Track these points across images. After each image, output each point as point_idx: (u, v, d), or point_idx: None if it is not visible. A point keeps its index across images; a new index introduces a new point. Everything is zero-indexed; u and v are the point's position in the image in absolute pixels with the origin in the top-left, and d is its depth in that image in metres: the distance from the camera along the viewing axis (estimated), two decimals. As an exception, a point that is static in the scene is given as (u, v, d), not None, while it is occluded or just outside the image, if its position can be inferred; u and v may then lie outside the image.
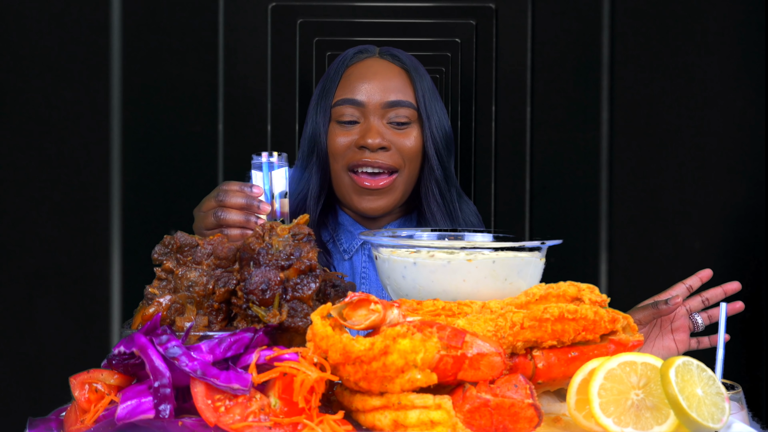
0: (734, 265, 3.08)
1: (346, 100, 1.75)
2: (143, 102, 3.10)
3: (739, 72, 3.12)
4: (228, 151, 3.16)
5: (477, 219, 1.87)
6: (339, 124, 1.76)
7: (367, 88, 1.75)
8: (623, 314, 1.12)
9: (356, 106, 1.74)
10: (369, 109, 1.74)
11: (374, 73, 1.76)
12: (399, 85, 1.76)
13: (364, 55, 1.80)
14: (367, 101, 1.74)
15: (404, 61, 1.79)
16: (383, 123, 1.75)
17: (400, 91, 1.75)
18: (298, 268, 1.14)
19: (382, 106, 1.74)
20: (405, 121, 1.75)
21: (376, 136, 1.72)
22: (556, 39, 3.23)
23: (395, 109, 1.74)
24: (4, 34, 3.01)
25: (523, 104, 3.25)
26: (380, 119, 1.75)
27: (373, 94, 1.74)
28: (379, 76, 1.76)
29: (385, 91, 1.75)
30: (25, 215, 3.02)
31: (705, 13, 3.12)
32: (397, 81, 1.76)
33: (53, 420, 1.06)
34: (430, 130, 1.77)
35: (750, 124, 3.12)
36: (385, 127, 1.74)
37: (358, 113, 1.75)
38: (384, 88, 1.75)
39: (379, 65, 1.78)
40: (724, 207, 3.12)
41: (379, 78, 1.76)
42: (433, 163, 1.78)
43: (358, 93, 1.74)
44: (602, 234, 3.18)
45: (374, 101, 1.74)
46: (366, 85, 1.75)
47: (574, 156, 3.23)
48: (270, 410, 0.98)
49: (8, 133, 3.02)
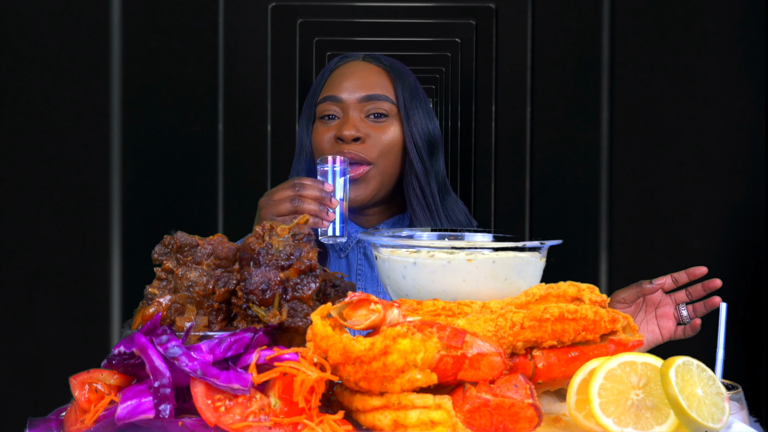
0: (734, 265, 3.08)
1: (327, 98, 1.82)
2: (143, 102, 3.10)
3: (739, 72, 3.12)
4: (228, 151, 3.16)
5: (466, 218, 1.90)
6: (321, 121, 1.83)
7: (347, 86, 1.82)
8: (623, 314, 1.12)
9: (336, 102, 1.81)
10: (347, 104, 1.81)
11: (353, 72, 1.84)
12: (378, 81, 1.83)
13: (347, 59, 1.87)
14: (346, 97, 1.81)
15: (384, 62, 1.86)
16: (360, 117, 1.81)
17: (378, 86, 1.83)
18: (298, 268, 1.14)
19: (360, 100, 1.81)
20: (383, 113, 1.82)
21: (351, 128, 1.78)
22: (556, 39, 3.23)
23: (372, 102, 1.81)
24: (4, 34, 3.01)
25: (523, 104, 3.25)
26: (358, 113, 1.81)
27: (353, 91, 1.82)
28: (359, 74, 1.83)
29: (363, 87, 1.82)
30: (25, 215, 3.02)
31: (705, 13, 3.12)
32: (376, 78, 1.83)
33: (53, 420, 1.06)
34: (409, 126, 1.82)
35: (750, 124, 3.12)
36: (362, 120, 1.81)
37: (338, 109, 1.82)
38: (363, 84, 1.82)
39: (361, 66, 1.86)
40: (724, 207, 3.12)
41: (358, 75, 1.83)
42: (412, 158, 1.83)
43: (338, 90, 1.82)
44: (602, 234, 3.18)
45: (353, 96, 1.81)
46: (346, 83, 1.82)
47: (574, 156, 3.23)
48: (270, 410, 0.98)
49: (8, 133, 3.02)
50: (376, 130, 1.81)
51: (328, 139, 1.81)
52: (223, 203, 3.14)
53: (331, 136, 1.81)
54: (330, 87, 1.84)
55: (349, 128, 1.78)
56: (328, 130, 1.81)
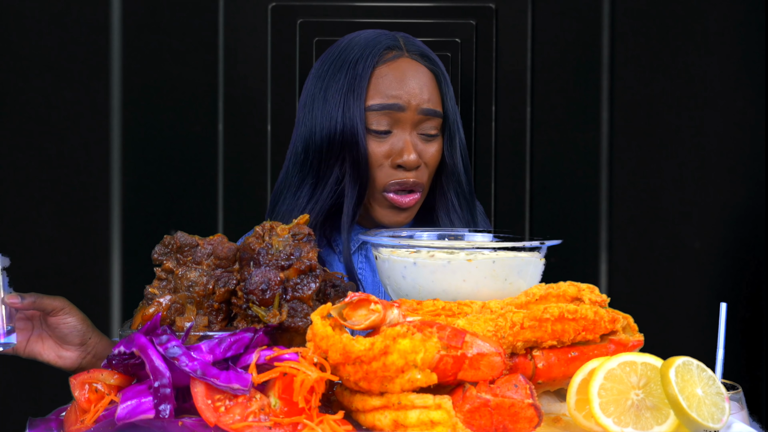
0: (734, 265, 3.08)
1: (384, 106, 1.63)
2: (143, 102, 3.10)
3: (739, 72, 3.12)
4: (228, 151, 3.16)
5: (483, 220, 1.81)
6: (374, 135, 1.64)
7: (403, 95, 1.63)
8: (623, 314, 1.12)
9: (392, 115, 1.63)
10: (404, 120, 1.64)
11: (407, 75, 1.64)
12: (431, 91, 1.66)
13: (394, 53, 1.66)
14: (404, 111, 1.63)
15: (435, 62, 1.70)
16: (416, 134, 1.65)
17: (432, 99, 1.66)
18: (298, 268, 1.14)
19: (417, 113, 1.64)
20: (434, 134, 1.67)
21: (411, 151, 1.62)
22: (556, 39, 3.23)
23: (428, 119, 1.65)
24: (4, 34, 3.01)
25: (523, 104, 3.25)
26: (412, 130, 1.65)
27: (410, 103, 1.63)
28: (413, 79, 1.64)
29: (420, 98, 1.64)
30: (25, 215, 3.02)
31: (705, 13, 3.12)
32: (429, 86, 1.66)
33: (53, 420, 1.06)
34: (453, 146, 1.69)
35: (750, 124, 3.12)
36: (417, 138, 1.65)
37: (391, 121, 1.63)
38: (419, 95, 1.64)
39: (413, 67, 1.66)
40: (724, 207, 3.12)
41: (412, 82, 1.64)
42: (460, 177, 1.70)
43: (393, 98, 1.63)
44: (602, 234, 3.18)
45: (410, 111, 1.64)
46: (400, 90, 1.63)
47: (574, 156, 3.22)
48: (270, 410, 0.98)
49: (8, 133, 3.02)
50: (428, 147, 1.66)
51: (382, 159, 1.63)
52: (223, 203, 3.14)
53: (384, 154, 1.63)
54: (380, 91, 1.63)
55: (409, 152, 1.61)
56: (381, 145, 1.63)
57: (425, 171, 1.66)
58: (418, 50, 1.69)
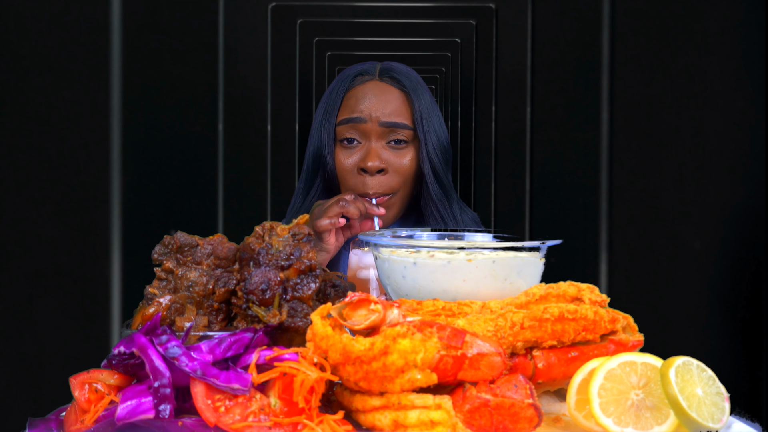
0: (734, 265, 3.08)
1: (348, 120, 1.84)
2: (143, 102, 3.10)
3: (739, 72, 3.12)
4: (228, 151, 3.16)
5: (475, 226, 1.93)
6: (341, 145, 1.86)
7: (367, 110, 1.84)
8: (623, 314, 1.12)
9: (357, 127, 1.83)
10: (368, 131, 1.84)
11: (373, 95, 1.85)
12: (397, 106, 1.85)
13: (365, 78, 1.88)
14: (367, 123, 1.83)
15: (403, 82, 1.87)
16: (382, 144, 1.84)
17: (397, 113, 1.84)
18: (298, 268, 1.14)
19: (380, 126, 1.83)
20: (402, 138, 1.84)
21: (375, 158, 1.82)
22: (556, 39, 3.23)
23: (393, 130, 1.84)
24: (4, 34, 3.01)
25: (523, 104, 3.25)
26: (379, 140, 1.84)
27: (373, 117, 1.83)
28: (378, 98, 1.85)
29: (384, 113, 1.84)
30: (25, 215, 3.02)
31: (705, 13, 3.13)
32: (396, 102, 1.85)
33: (53, 420, 1.06)
34: (426, 150, 1.85)
35: (750, 124, 3.12)
36: (383, 148, 1.84)
37: (358, 133, 1.84)
38: (383, 110, 1.84)
39: (379, 88, 1.87)
40: (724, 207, 3.12)
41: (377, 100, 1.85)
42: (430, 184, 1.87)
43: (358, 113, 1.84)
44: (602, 234, 3.18)
45: (373, 123, 1.83)
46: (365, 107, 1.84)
47: (574, 156, 3.23)
48: (270, 410, 0.98)
49: (8, 133, 3.02)
50: (397, 157, 1.84)
51: (350, 166, 1.84)
52: (223, 203, 3.14)
53: (354, 163, 1.84)
54: (349, 108, 1.86)
55: (372, 159, 1.81)
56: (349, 156, 1.85)
57: (395, 177, 1.85)
58: (389, 74, 1.89)
